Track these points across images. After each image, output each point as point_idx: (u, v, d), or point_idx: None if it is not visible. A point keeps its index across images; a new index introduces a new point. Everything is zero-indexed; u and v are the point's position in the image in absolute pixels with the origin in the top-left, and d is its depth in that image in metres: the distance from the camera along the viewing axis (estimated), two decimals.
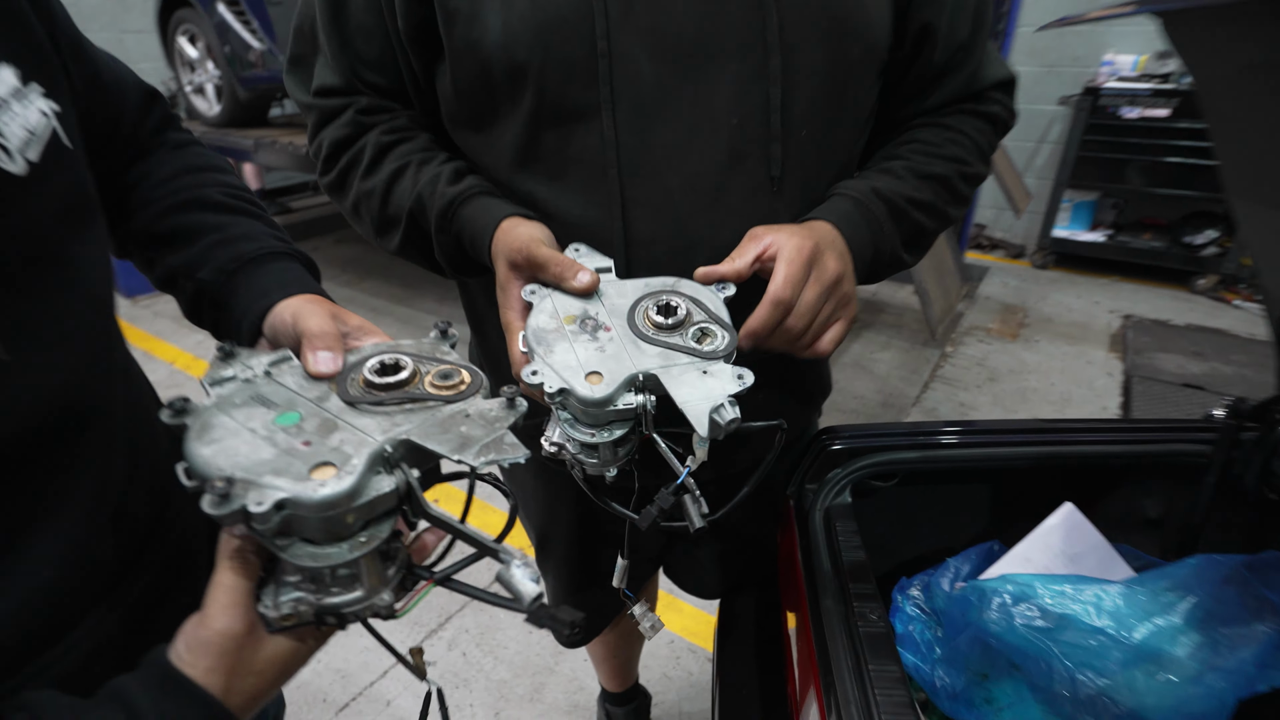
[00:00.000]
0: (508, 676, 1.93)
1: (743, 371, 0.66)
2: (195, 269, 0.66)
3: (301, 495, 0.45)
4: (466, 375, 0.59)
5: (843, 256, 0.75)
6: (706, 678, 1.95)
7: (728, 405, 0.62)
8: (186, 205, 0.69)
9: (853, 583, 0.88)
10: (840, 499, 1.04)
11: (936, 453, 1.08)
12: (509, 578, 0.51)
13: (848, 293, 0.74)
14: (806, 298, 0.71)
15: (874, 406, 3.24)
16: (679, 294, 0.73)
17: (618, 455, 0.69)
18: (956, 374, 3.52)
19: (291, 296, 0.63)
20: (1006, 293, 4.52)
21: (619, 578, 0.97)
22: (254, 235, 0.69)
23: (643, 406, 0.65)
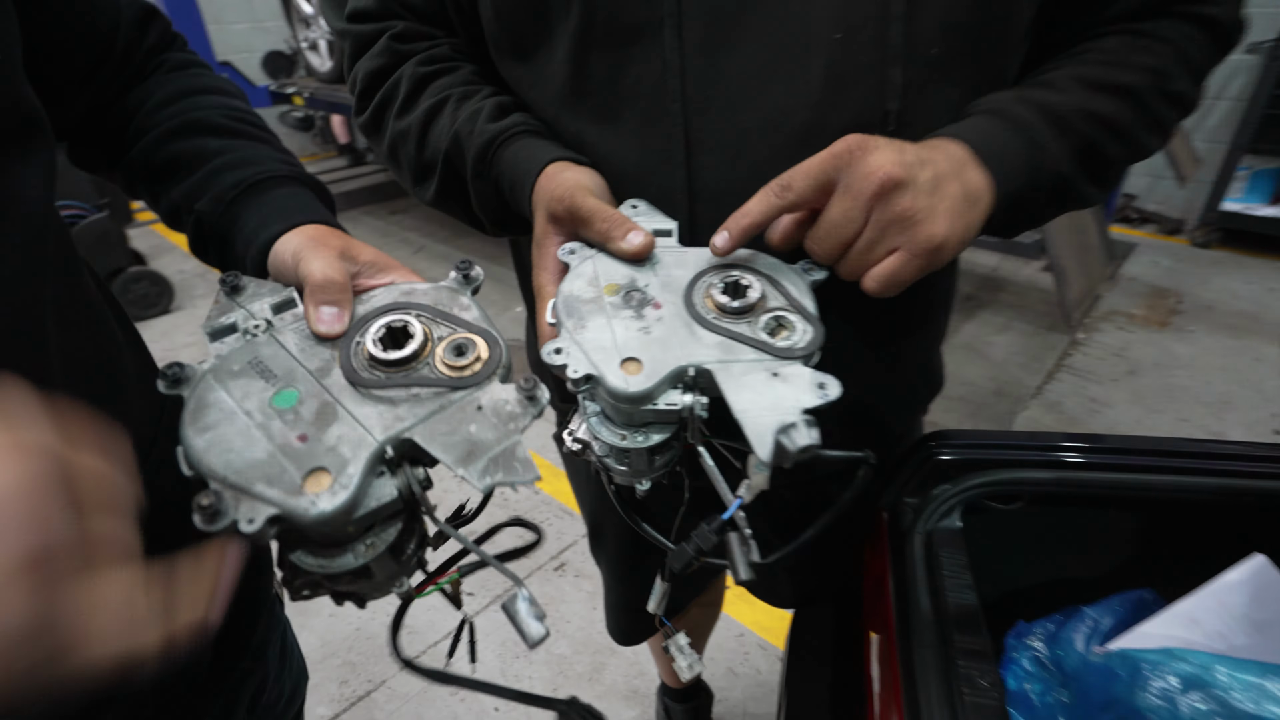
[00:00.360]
0: (568, 652, 1.88)
1: (826, 379, 0.51)
2: (194, 199, 0.59)
3: (294, 512, 0.42)
4: (483, 348, 0.51)
5: (948, 178, 0.54)
6: (775, 677, 1.82)
7: (802, 425, 0.47)
8: (183, 130, 0.61)
9: (959, 634, 0.71)
10: (947, 522, 0.86)
11: (1078, 475, 0.87)
12: (514, 612, 0.47)
13: (906, 213, 0.53)
14: (834, 210, 0.54)
15: (985, 395, 2.92)
16: (753, 271, 0.58)
17: (653, 465, 0.56)
18: (1088, 364, 3.11)
19: (296, 227, 0.56)
20: (1157, 273, 3.95)
21: (656, 602, 0.85)
22: (256, 159, 0.61)
23: (689, 409, 0.51)
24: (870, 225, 0.54)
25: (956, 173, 0.55)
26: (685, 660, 0.91)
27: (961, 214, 0.54)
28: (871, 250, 0.55)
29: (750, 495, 0.55)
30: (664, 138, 0.63)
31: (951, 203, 0.54)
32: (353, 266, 0.55)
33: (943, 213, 0.53)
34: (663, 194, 0.64)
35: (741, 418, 0.49)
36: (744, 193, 0.63)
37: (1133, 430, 2.70)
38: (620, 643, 1.34)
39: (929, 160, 0.54)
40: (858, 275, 0.57)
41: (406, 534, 0.51)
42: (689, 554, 0.56)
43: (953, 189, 0.54)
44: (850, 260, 0.56)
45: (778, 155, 0.61)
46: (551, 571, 2.12)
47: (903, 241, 0.53)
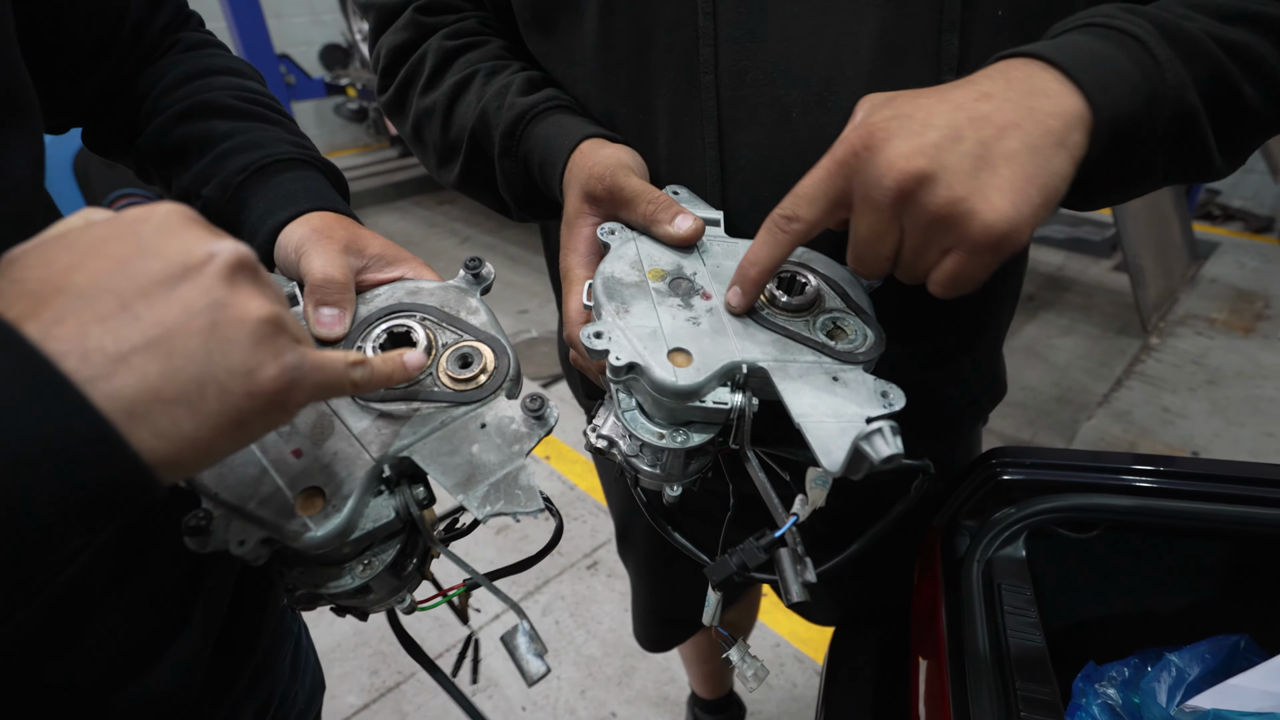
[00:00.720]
0: (598, 654, 1.85)
1: (889, 388, 0.46)
2: (202, 184, 0.57)
3: (286, 536, 0.41)
4: (489, 358, 0.48)
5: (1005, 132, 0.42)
6: (811, 691, 1.74)
7: (887, 433, 0.42)
8: (193, 112, 0.58)
9: (1022, 680, 0.63)
10: (1010, 550, 0.78)
11: (1164, 503, 0.77)
12: (514, 647, 0.46)
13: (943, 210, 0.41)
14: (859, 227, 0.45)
15: (1046, 401, 2.75)
16: (808, 268, 0.54)
17: (686, 470, 0.52)
18: (1162, 372, 2.90)
19: (302, 214, 0.53)
20: (1241, 275, 3.66)
21: (711, 614, 0.79)
22: (265, 142, 0.58)
23: (739, 410, 0.47)
24: (908, 232, 0.44)
25: (1023, 116, 0.42)
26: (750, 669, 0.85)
27: (1033, 177, 0.41)
28: (921, 257, 0.45)
29: (807, 512, 0.51)
30: (695, 112, 0.57)
31: (1014, 169, 0.41)
32: (358, 261, 0.52)
33: (999, 190, 0.40)
34: (693, 177, 0.59)
35: (803, 423, 0.44)
36: (782, 178, 0.57)
37: (1210, 444, 2.51)
38: (647, 649, 1.29)
39: (973, 120, 0.42)
40: (917, 282, 0.49)
41: (406, 551, 0.48)
42: (730, 568, 0.51)
43: (1011, 146, 0.41)
44: (902, 269, 0.48)
45: (821, 134, 0.54)
46: (584, 570, 2.08)
47: (954, 240, 0.43)
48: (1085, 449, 2.49)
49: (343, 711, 1.70)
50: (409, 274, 0.53)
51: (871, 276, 0.49)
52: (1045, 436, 2.56)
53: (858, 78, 0.53)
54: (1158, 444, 2.52)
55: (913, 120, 0.42)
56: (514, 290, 3.81)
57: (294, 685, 0.72)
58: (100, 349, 0.26)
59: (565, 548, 2.15)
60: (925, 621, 0.82)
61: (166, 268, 0.29)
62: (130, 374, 0.26)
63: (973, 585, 0.75)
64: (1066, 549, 0.83)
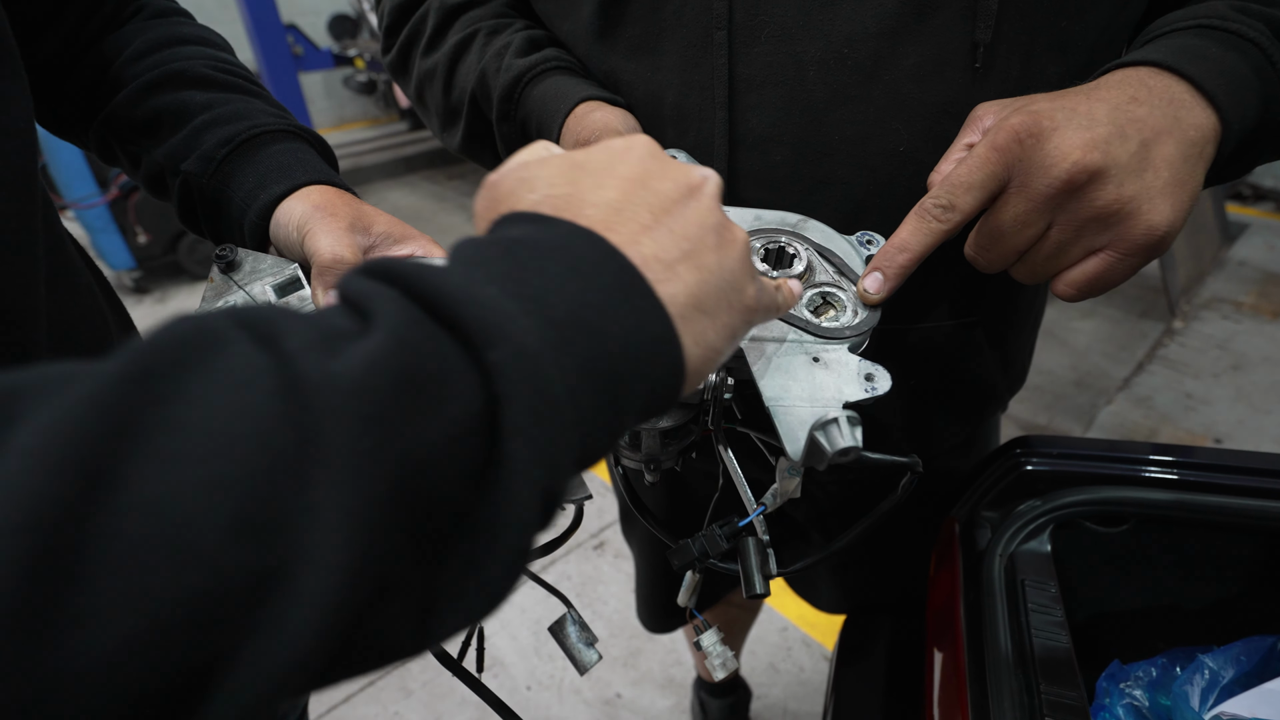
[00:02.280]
0: (604, 634, 1.83)
1: (874, 369, 0.44)
2: (179, 159, 0.53)
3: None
4: None
5: (1161, 138, 0.42)
6: (818, 676, 1.72)
7: (843, 423, 0.39)
8: (165, 83, 0.54)
9: (1045, 684, 0.60)
10: (1034, 544, 0.74)
11: (1204, 498, 0.73)
12: (564, 637, 0.45)
13: (1110, 208, 0.42)
14: (1005, 214, 0.44)
15: (1064, 386, 2.69)
16: (800, 238, 0.50)
17: (665, 450, 0.50)
18: (1185, 356, 2.83)
19: (299, 189, 0.50)
20: (1271, 258, 3.56)
21: (687, 594, 0.77)
22: (248, 113, 0.54)
23: (713, 391, 0.46)
24: (1059, 226, 0.44)
25: (1171, 125, 0.42)
26: (718, 659, 0.83)
27: (1184, 183, 0.42)
28: (1062, 254, 0.45)
29: (777, 502, 0.50)
30: (705, 70, 0.53)
31: (1171, 173, 0.41)
32: (366, 239, 0.48)
33: (1161, 193, 0.41)
34: (700, 140, 0.56)
35: (772, 407, 0.42)
36: (794, 141, 0.53)
37: (1234, 431, 2.44)
38: (651, 630, 1.28)
39: (1132, 121, 0.42)
40: (1039, 280, 0.47)
41: None
42: (691, 555, 0.50)
43: (1167, 151, 0.42)
44: (1030, 266, 0.46)
45: (839, 95, 0.51)
46: (591, 550, 2.07)
47: (1109, 240, 0.43)
48: (1105, 435, 2.44)
49: (347, 688, 1.71)
50: (419, 252, 0.50)
51: (990, 268, 0.48)
52: (1062, 421, 2.51)
53: (881, 35, 0.49)
54: (1179, 430, 2.46)
55: (1077, 113, 0.42)
56: None
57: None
58: (655, 257, 0.27)
59: None
60: (942, 615, 0.79)
61: (676, 188, 0.30)
62: (678, 282, 0.28)
63: (994, 580, 0.71)
64: (1090, 542, 0.79)
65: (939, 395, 0.71)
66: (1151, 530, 0.76)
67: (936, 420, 0.76)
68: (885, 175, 0.53)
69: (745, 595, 0.47)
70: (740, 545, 0.48)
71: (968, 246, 0.48)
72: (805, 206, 0.52)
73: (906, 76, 0.50)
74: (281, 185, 0.50)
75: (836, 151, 0.53)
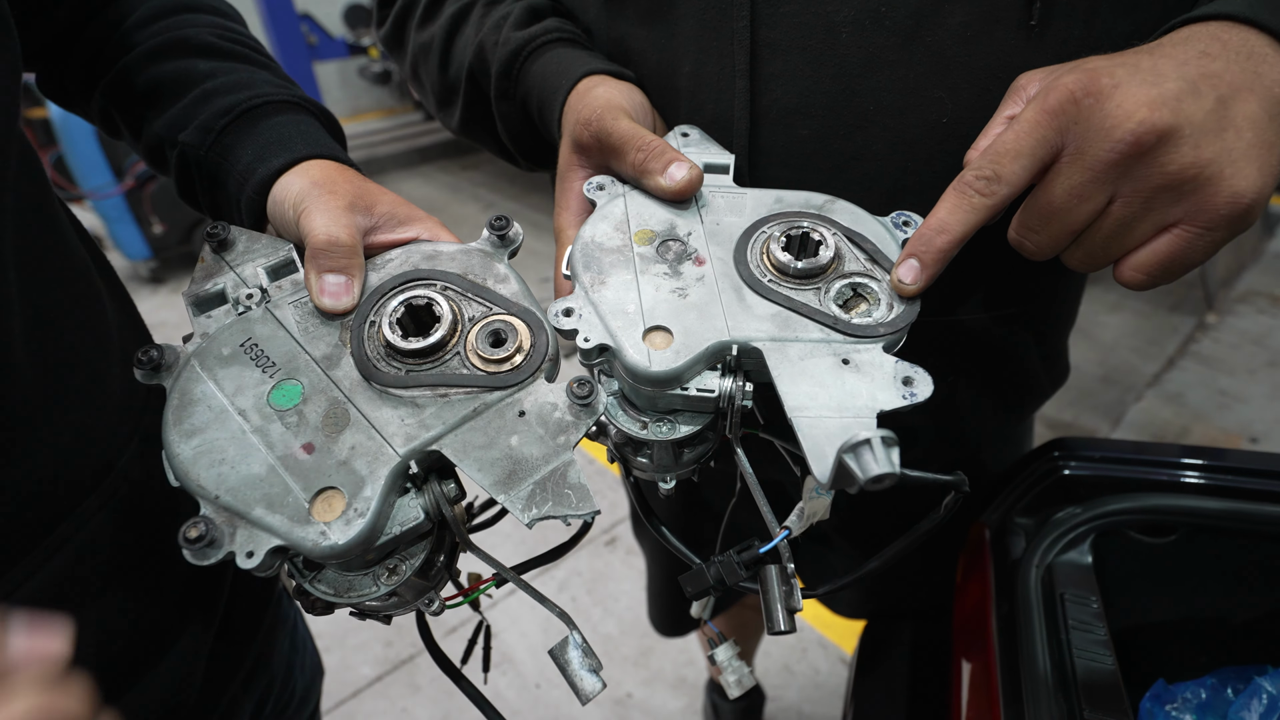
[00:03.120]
0: (615, 632, 1.80)
1: (913, 372, 0.38)
2: (178, 130, 0.50)
3: (301, 544, 0.36)
4: (525, 334, 0.42)
5: (1240, 93, 0.36)
6: (834, 679, 1.68)
7: (877, 445, 0.33)
8: (168, 50, 0.51)
9: (1089, 709, 0.55)
10: (1074, 554, 0.69)
11: (1255, 507, 0.67)
12: (565, 662, 0.40)
13: (1186, 172, 0.36)
14: (1058, 187, 0.38)
15: (1091, 382, 2.61)
16: (827, 222, 0.45)
17: (680, 460, 0.46)
18: (1219, 352, 2.73)
19: (299, 163, 0.47)
20: None
21: (700, 608, 0.73)
22: (252, 83, 0.50)
23: (729, 398, 0.41)
24: (1123, 199, 0.37)
25: (1252, 81, 0.36)
26: (733, 675, 0.79)
27: (1272, 145, 0.36)
28: (1127, 233, 0.38)
29: (803, 525, 0.45)
30: (726, 37, 0.48)
31: (1255, 134, 0.36)
32: (366, 219, 0.45)
33: (1245, 155, 0.36)
34: (718, 115, 0.51)
35: (795, 418, 0.37)
36: (824, 113, 0.48)
37: (1271, 430, 2.35)
38: (662, 634, 1.24)
39: (1206, 76, 0.36)
40: (1098, 266, 0.41)
41: (435, 550, 0.43)
42: (706, 582, 0.45)
43: (1249, 109, 0.36)
44: (1088, 249, 0.40)
45: (874, 59, 0.46)
46: (602, 546, 2.04)
47: (1185, 212, 0.37)
48: (1134, 433, 2.36)
49: (356, 683, 1.69)
50: (424, 235, 0.46)
51: (1039, 253, 0.41)
52: (1089, 419, 2.43)
53: None
54: (1211, 429, 2.37)
55: (1140, 69, 0.36)
56: (538, 258, 3.73)
57: (292, 673, 0.68)
58: None
59: None
60: (971, 627, 0.74)
61: None
62: None
63: (1030, 593, 0.66)
64: (1132, 551, 0.74)
65: (978, 389, 0.66)
66: (1201, 540, 0.71)
67: (974, 416, 0.71)
68: (925, 150, 0.48)
69: (769, 632, 0.42)
70: (762, 574, 0.43)
71: (1013, 229, 0.42)
72: (834, 186, 0.48)
73: (951, 37, 0.45)
74: (280, 159, 0.47)
75: (870, 123, 0.48)
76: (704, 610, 0.74)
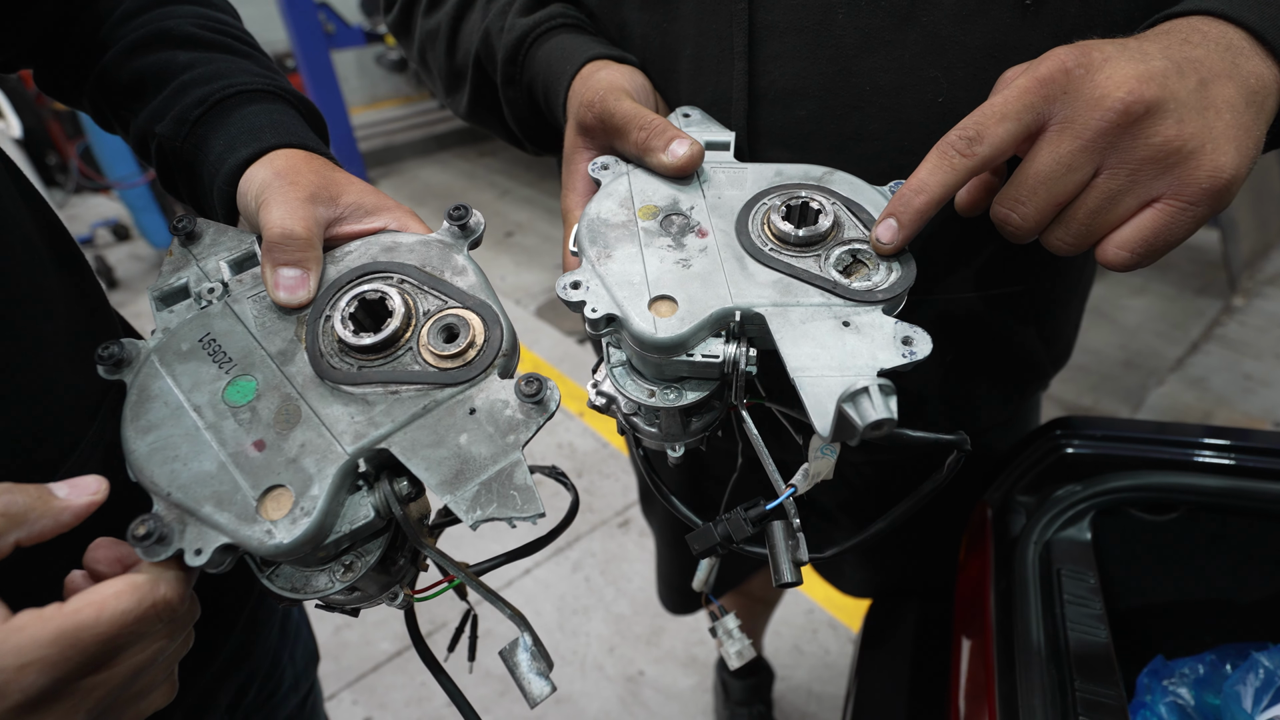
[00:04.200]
0: (627, 612, 1.83)
1: (913, 331, 0.40)
2: (157, 122, 0.50)
3: (247, 543, 0.36)
4: (478, 329, 0.42)
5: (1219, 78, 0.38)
6: (844, 659, 1.69)
7: (875, 393, 0.35)
8: (150, 42, 0.52)
9: (1081, 681, 0.56)
10: (1072, 531, 0.69)
11: (1257, 485, 0.67)
12: (514, 664, 0.40)
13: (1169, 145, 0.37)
14: (1043, 157, 0.38)
15: (1112, 366, 2.57)
16: (826, 192, 0.47)
17: (688, 429, 0.47)
18: (1244, 336, 2.68)
19: (267, 152, 0.46)
20: None
21: (702, 579, 0.74)
22: (228, 73, 0.51)
23: (733, 364, 0.42)
24: (1109, 171, 0.38)
25: (1230, 69, 0.38)
26: (734, 647, 0.81)
27: (1248, 129, 0.37)
28: (1112, 207, 0.39)
29: (809, 483, 0.46)
30: (724, 19, 0.49)
31: (1233, 116, 0.37)
32: (330, 210, 0.44)
33: (1224, 134, 0.37)
34: (717, 95, 0.52)
35: (798, 378, 0.38)
36: (821, 94, 0.49)
37: None
38: (671, 611, 1.26)
39: (1189, 60, 0.37)
40: (1084, 245, 0.41)
41: (396, 546, 0.43)
42: (713, 539, 0.47)
43: (1227, 93, 0.37)
44: (1072, 225, 0.40)
45: (871, 39, 0.47)
46: (615, 528, 2.06)
47: (1168, 186, 0.37)
48: (1155, 418, 2.33)
49: (376, 658, 1.74)
50: (392, 224, 0.46)
51: (1022, 230, 0.41)
52: (1109, 403, 2.40)
53: None
54: (1236, 413, 2.33)
55: (1128, 47, 0.38)
56: (553, 244, 3.75)
57: (280, 661, 0.68)
58: None
59: (597, 505, 2.13)
60: (971, 603, 0.75)
61: None
62: None
63: (1028, 569, 0.67)
64: (1134, 529, 0.74)
65: (978, 369, 0.67)
66: (1203, 518, 0.71)
67: (976, 396, 0.71)
68: (921, 130, 0.48)
69: (775, 584, 0.44)
70: (768, 530, 0.45)
71: (996, 204, 0.42)
72: (832, 165, 0.48)
73: (946, 17, 0.45)
74: (249, 148, 0.46)
75: (867, 104, 0.49)
76: (705, 584, 0.75)
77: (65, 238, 0.52)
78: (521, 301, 3.24)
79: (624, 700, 1.64)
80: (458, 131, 5.54)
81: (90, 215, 4.19)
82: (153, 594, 0.33)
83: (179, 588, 0.34)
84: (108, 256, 3.72)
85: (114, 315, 0.56)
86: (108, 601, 0.31)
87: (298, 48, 4.12)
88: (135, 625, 0.32)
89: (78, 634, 0.30)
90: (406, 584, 0.46)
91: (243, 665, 0.62)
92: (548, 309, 3.17)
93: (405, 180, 4.93)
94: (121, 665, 0.33)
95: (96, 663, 0.31)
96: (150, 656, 0.34)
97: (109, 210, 4.18)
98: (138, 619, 0.32)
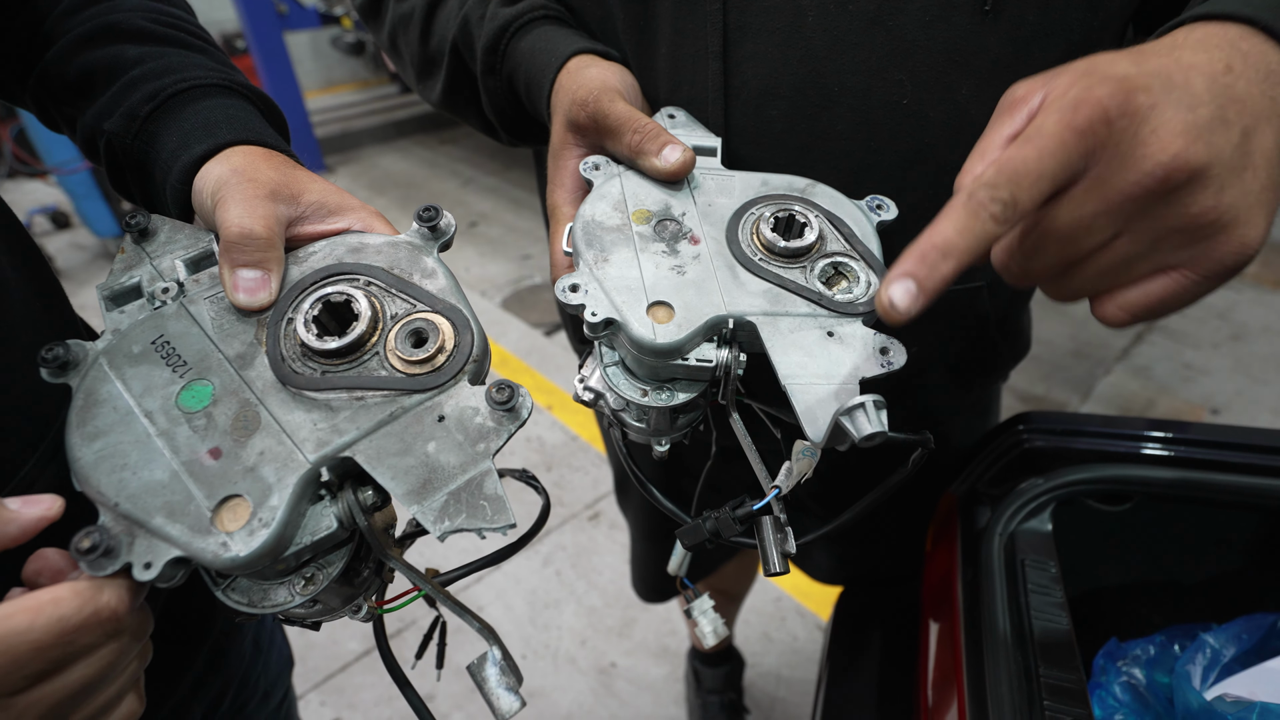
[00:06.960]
0: (599, 604, 1.84)
1: (889, 343, 0.43)
2: (104, 118, 0.48)
3: (201, 555, 0.34)
4: (448, 334, 0.41)
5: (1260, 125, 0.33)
6: (812, 645, 1.74)
7: (870, 409, 0.37)
8: (98, 36, 0.49)
9: (1044, 666, 0.59)
10: (1034, 523, 0.72)
11: (1211, 477, 0.71)
12: (482, 679, 0.39)
13: (1204, 217, 0.32)
14: (1065, 213, 0.34)
15: (1062, 356, 2.68)
16: (810, 204, 0.48)
17: (674, 425, 0.49)
18: (1184, 326, 2.81)
19: (223, 149, 0.44)
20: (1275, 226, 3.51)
21: (677, 564, 0.76)
22: (180, 67, 0.48)
23: (725, 367, 0.44)
24: (1131, 235, 0.34)
25: (1269, 108, 0.33)
26: (709, 625, 0.83)
27: (1277, 184, 0.33)
28: (1125, 270, 0.35)
29: (792, 483, 0.48)
30: (700, 20, 0.50)
31: (1269, 174, 0.33)
32: (291, 209, 0.43)
33: (1258, 200, 0.32)
34: (694, 96, 0.53)
35: (789, 385, 0.41)
36: (791, 94, 0.50)
37: (1231, 402, 2.44)
38: (645, 600, 1.28)
39: (1234, 101, 0.32)
40: (1078, 298, 0.38)
41: (360, 557, 0.42)
42: (703, 535, 0.49)
43: (1265, 144, 0.33)
44: (1075, 281, 0.36)
45: (839, 42, 0.48)
46: (586, 521, 2.07)
47: (1190, 257, 0.33)
48: (1102, 405, 2.43)
49: (343, 658, 1.72)
50: (356, 225, 0.44)
51: (1020, 279, 0.38)
52: (1060, 392, 2.50)
53: None
54: (1176, 401, 2.45)
55: (1174, 85, 0.32)
56: (517, 235, 3.71)
57: (251, 673, 0.67)
58: None
59: (567, 498, 2.13)
60: (938, 593, 0.78)
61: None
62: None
63: (993, 559, 0.70)
64: (1090, 519, 0.78)
65: (939, 362, 0.69)
66: (1154, 508, 0.75)
67: (936, 391, 0.74)
68: (887, 130, 0.50)
69: (764, 573, 0.45)
70: (757, 524, 0.47)
71: (1000, 252, 0.38)
72: (802, 164, 0.50)
73: (911, 21, 0.47)
74: (204, 145, 0.44)
75: (836, 103, 0.50)
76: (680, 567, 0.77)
77: (17, 228, 0.49)
78: (487, 293, 3.20)
79: (596, 692, 1.65)
80: (418, 118, 5.42)
81: (26, 201, 3.98)
82: (95, 601, 0.31)
83: (125, 596, 0.32)
84: (47, 246, 3.55)
85: (73, 312, 0.54)
86: (44, 607, 0.29)
87: (249, 29, 3.96)
88: (75, 634, 0.30)
89: (7, 641, 0.28)
90: (372, 595, 0.44)
91: (215, 678, 0.61)
92: (514, 301, 3.14)
93: (364, 168, 4.81)
94: (65, 679, 0.31)
95: (33, 675, 0.29)
96: (99, 671, 0.32)
97: (46, 196, 3.97)
98: (77, 627, 0.30)
